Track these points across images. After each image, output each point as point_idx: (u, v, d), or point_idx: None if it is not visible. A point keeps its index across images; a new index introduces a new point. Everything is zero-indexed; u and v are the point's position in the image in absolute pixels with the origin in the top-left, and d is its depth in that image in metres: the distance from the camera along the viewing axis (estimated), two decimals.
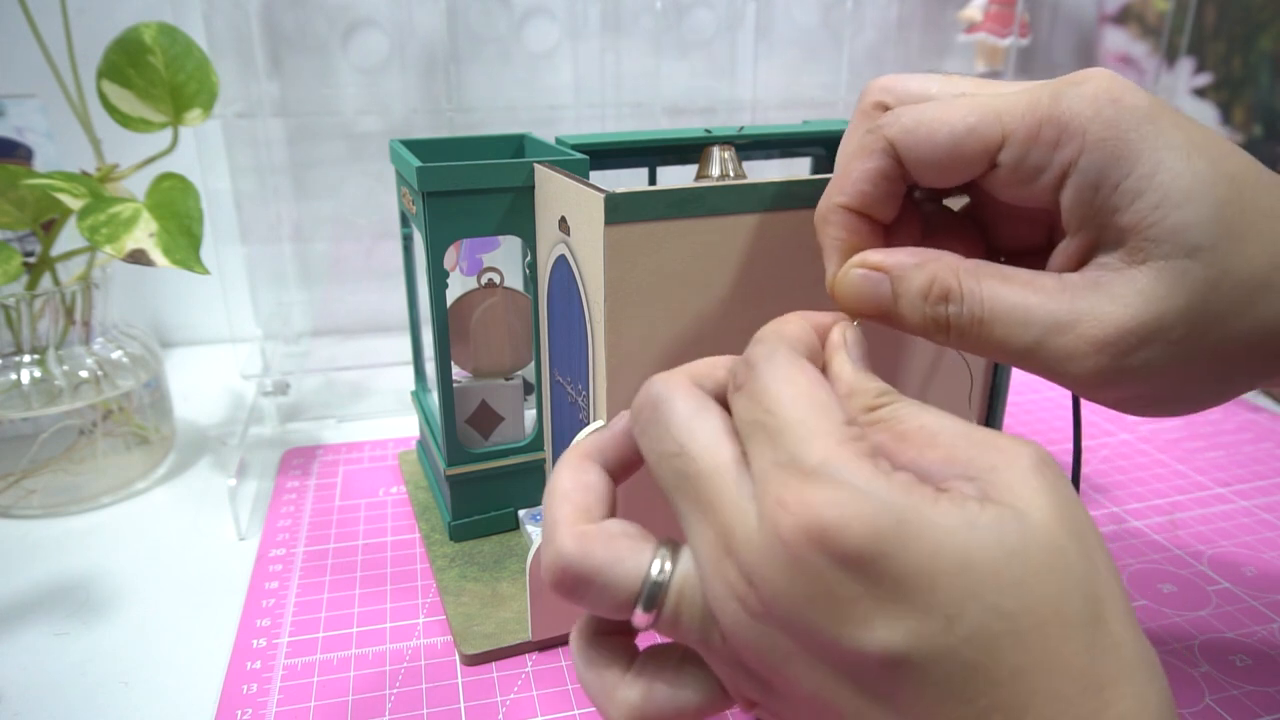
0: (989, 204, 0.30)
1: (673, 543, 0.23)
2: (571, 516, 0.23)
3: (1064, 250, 0.26)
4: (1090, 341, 0.24)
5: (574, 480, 0.24)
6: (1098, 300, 0.24)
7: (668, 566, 0.22)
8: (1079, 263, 0.26)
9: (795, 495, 0.20)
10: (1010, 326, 0.25)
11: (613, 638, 0.24)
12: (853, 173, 0.28)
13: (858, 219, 0.28)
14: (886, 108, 0.29)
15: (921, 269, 0.26)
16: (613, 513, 0.24)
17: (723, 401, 0.24)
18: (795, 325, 0.25)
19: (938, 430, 0.22)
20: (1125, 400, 0.26)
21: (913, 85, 0.29)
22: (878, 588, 0.19)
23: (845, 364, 0.24)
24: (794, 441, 0.21)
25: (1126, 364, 0.24)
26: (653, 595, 0.22)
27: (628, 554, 0.22)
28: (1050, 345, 0.24)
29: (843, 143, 0.30)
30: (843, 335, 0.25)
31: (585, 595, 0.22)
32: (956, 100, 0.26)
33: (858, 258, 0.28)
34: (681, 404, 0.23)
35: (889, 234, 0.29)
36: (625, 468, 0.26)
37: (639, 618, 0.22)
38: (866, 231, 0.28)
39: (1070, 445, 0.58)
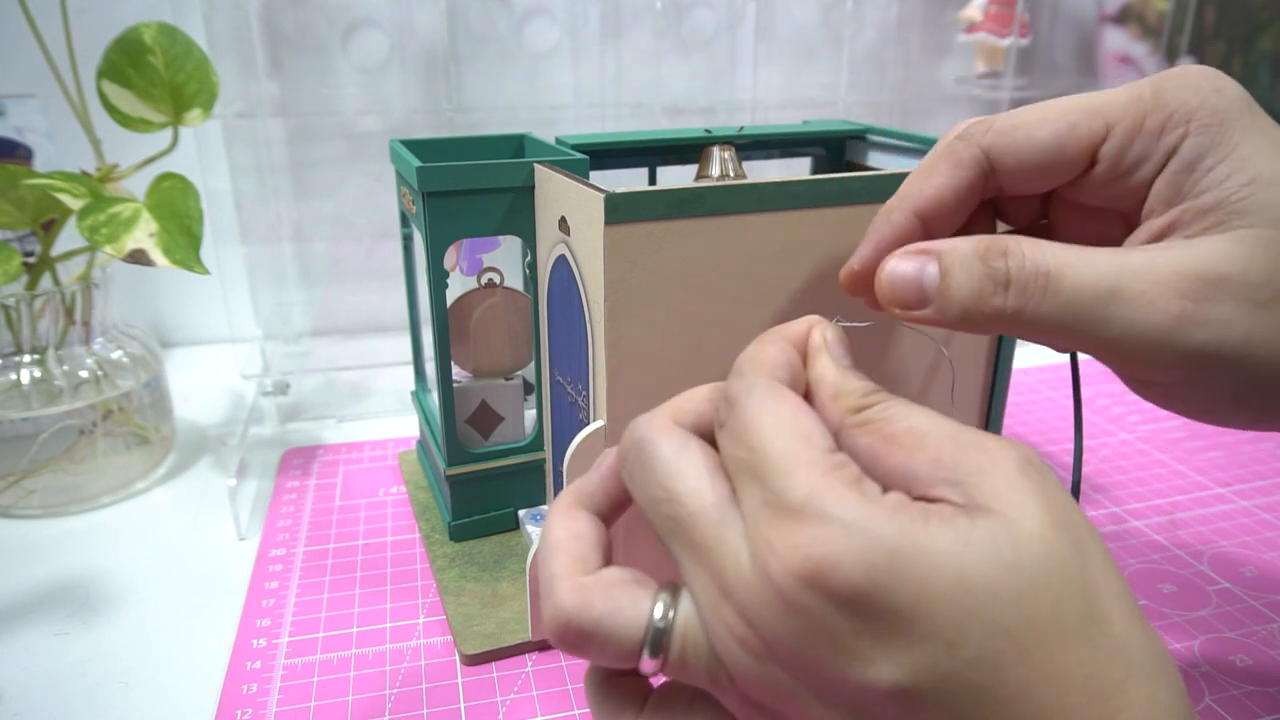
0: (1058, 215, 0.29)
1: (673, 585, 0.22)
2: (568, 569, 0.23)
3: (1139, 232, 0.26)
4: (1169, 287, 0.23)
5: (566, 530, 0.24)
6: (1174, 254, 0.23)
7: (670, 612, 0.22)
8: (1151, 242, 0.25)
9: (783, 537, 0.20)
10: (1079, 281, 0.24)
11: (625, 679, 0.24)
12: (936, 177, 0.27)
13: (915, 226, 0.27)
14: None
15: (972, 239, 0.26)
16: (609, 557, 0.24)
17: (709, 435, 0.23)
18: (772, 349, 0.24)
19: (925, 431, 0.21)
20: (1196, 381, 0.24)
21: (1001, 115, 0.28)
22: (877, 623, 0.19)
23: (828, 366, 0.24)
24: (778, 478, 0.20)
25: (1208, 314, 0.23)
26: (657, 641, 0.22)
27: (628, 603, 0.22)
28: (1127, 295, 0.23)
29: (924, 163, 0.29)
30: (823, 336, 0.25)
31: (589, 649, 0.22)
32: (1051, 103, 0.26)
33: (900, 250, 0.27)
34: (664, 446, 0.23)
35: None
36: (615, 508, 0.25)
37: (646, 664, 0.22)
38: (916, 239, 0.27)
39: (1071, 445, 0.58)
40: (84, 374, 0.51)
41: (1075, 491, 0.31)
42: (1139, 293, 0.23)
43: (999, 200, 0.30)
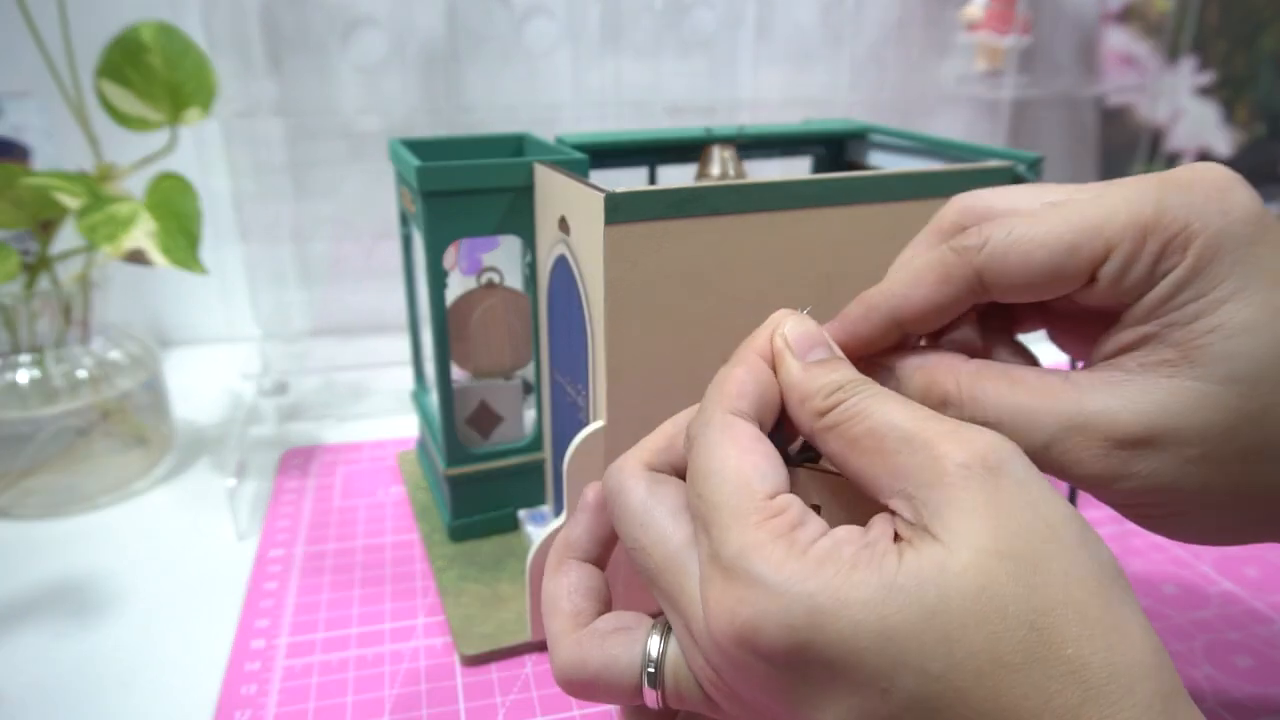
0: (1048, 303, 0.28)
1: (664, 622, 0.24)
2: (563, 628, 0.24)
3: (1109, 341, 0.25)
4: (1099, 443, 0.23)
5: (557, 587, 0.25)
6: (1109, 400, 0.23)
7: (660, 648, 0.23)
8: (1111, 355, 0.25)
9: (716, 597, 0.20)
10: (1016, 431, 0.23)
11: (652, 710, 0.25)
12: (922, 288, 0.26)
13: (894, 330, 0.26)
14: (965, 229, 0.26)
15: (920, 369, 0.25)
16: (605, 601, 0.25)
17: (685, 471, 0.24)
18: (738, 371, 0.24)
19: (885, 434, 0.21)
20: (1136, 510, 0.25)
21: (996, 201, 0.27)
22: (813, 675, 0.19)
23: (790, 369, 0.24)
24: (717, 530, 0.21)
25: (1133, 469, 0.23)
26: (652, 676, 0.23)
27: (621, 650, 0.23)
28: (1059, 448, 0.23)
29: (909, 252, 0.28)
30: (783, 338, 0.24)
31: (596, 696, 0.24)
32: (1049, 212, 0.24)
33: (880, 358, 0.27)
34: (633, 495, 0.24)
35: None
36: (604, 547, 0.26)
37: (648, 698, 0.23)
38: (891, 339, 0.27)
39: None
40: (82, 374, 0.51)
41: (1073, 495, 0.31)
42: (1069, 449, 0.23)
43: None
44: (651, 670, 0.23)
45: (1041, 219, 0.24)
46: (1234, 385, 0.22)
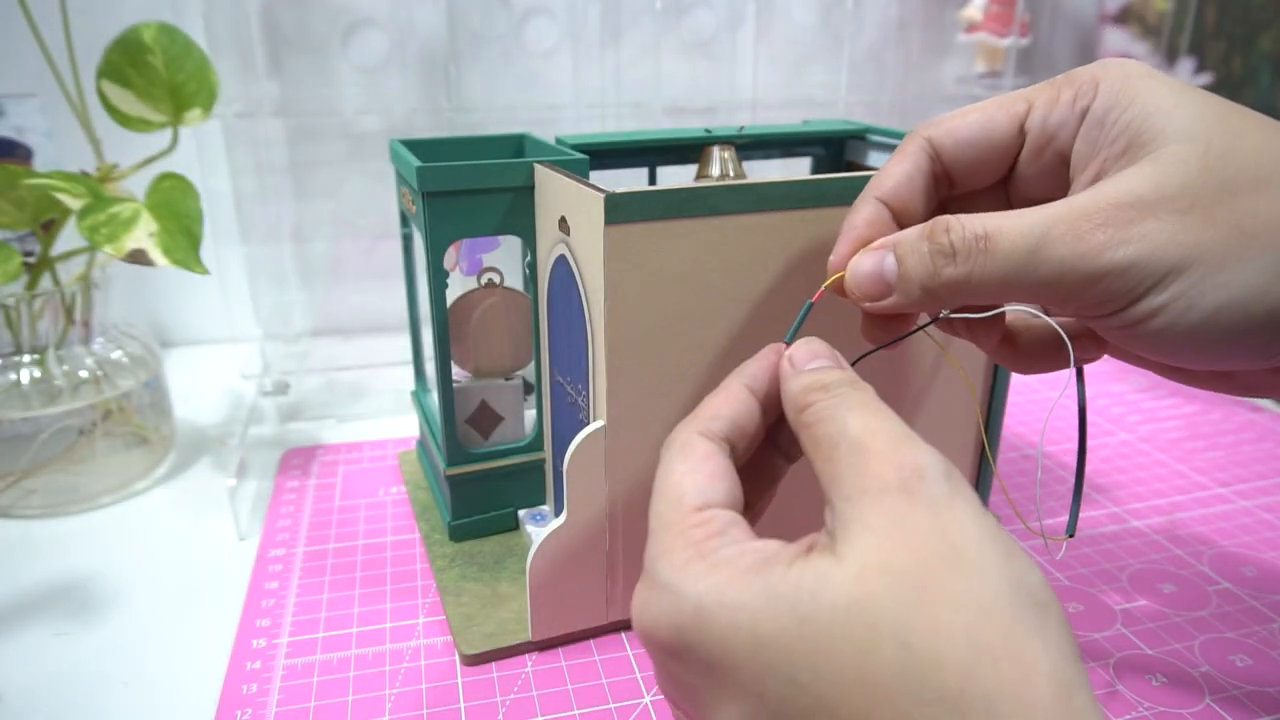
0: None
1: None
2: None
3: (1071, 192, 0.27)
4: (1091, 219, 0.24)
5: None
6: (1092, 190, 0.25)
7: None
8: None
9: (635, 595, 0.23)
10: (1013, 235, 0.25)
11: None
12: (889, 170, 0.29)
13: (884, 213, 0.29)
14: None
15: (918, 226, 0.27)
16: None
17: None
18: (719, 397, 0.26)
19: (838, 442, 0.22)
20: (1154, 300, 0.24)
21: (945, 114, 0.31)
22: (701, 674, 0.20)
23: (786, 380, 0.26)
24: (651, 539, 0.23)
25: (1130, 234, 0.24)
26: None
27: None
28: (1055, 236, 0.24)
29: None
30: (787, 359, 0.26)
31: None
32: (985, 100, 0.30)
33: (862, 250, 0.29)
34: (675, 470, 0.26)
35: None
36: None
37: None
38: (886, 226, 0.29)
39: (1070, 445, 0.58)
40: (84, 374, 0.51)
41: (1076, 498, 0.31)
42: (1064, 232, 0.24)
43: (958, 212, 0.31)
44: None
45: (978, 103, 0.29)
46: (1190, 140, 0.24)
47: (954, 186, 0.30)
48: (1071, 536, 0.31)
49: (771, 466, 0.28)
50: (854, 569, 0.19)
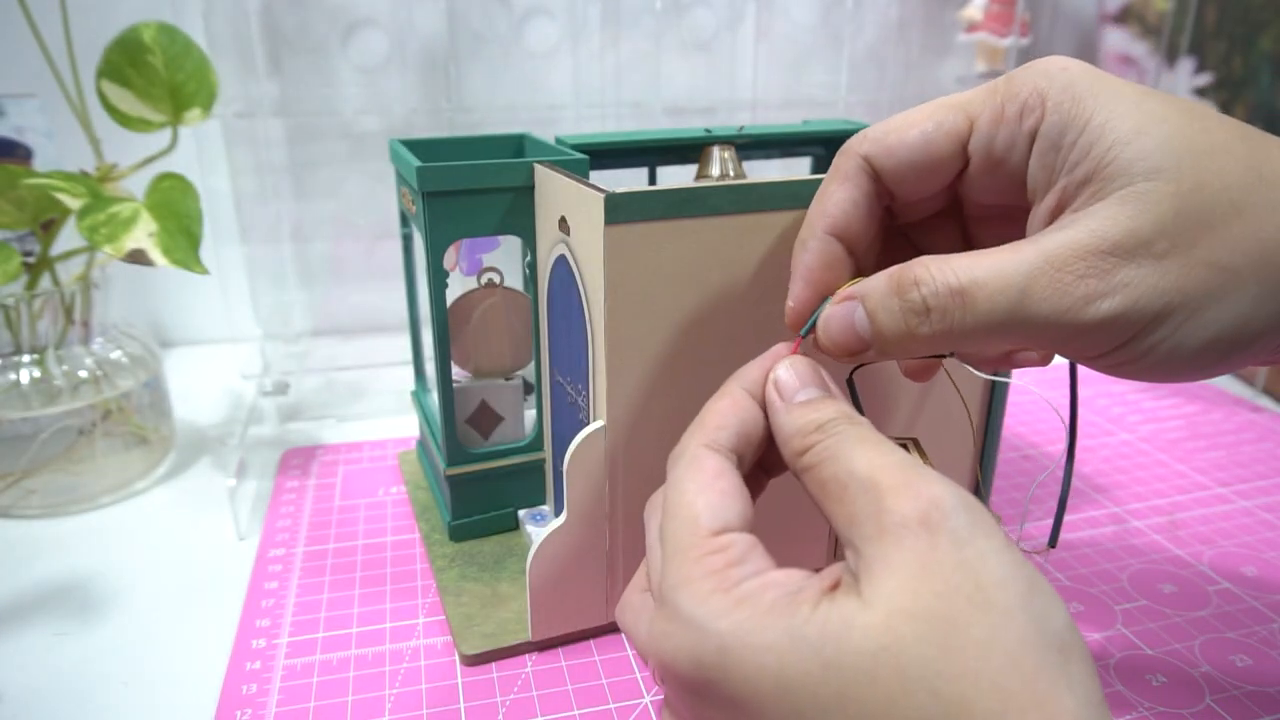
0: (972, 233, 0.30)
1: None
2: (635, 582, 0.26)
3: (1033, 218, 0.26)
4: (1072, 270, 0.23)
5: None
6: (1068, 235, 0.24)
7: None
8: (1046, 225, 0.25)
9: (652, 625, 0.22)
10: (992, 290, 0.24)
11: None
12: (830, 195, 0.28)
13: (833, 247, 0.28)
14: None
15: (885, 274, 0.26)
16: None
17: None
18: (722, 403, 0.26)
19: (846, 482, 0.21)
20: (1142, 344, 0.24)
21: (876, 125, 0.29)
22: (723, 710, 0.20)
23: (777, 413, 0.25)
24: (665, 564, 0.22)
25: (1115, 281, 0.23)
26: None
27: (643, 625, 0.24)
28: (1037, 291, 0.23)
29: (820, 188, 0.30)
30: (773, 384, 0.25)
31: (629, 641, 0.27)
32: (919, 106, 0.28)
33: (834, 296, 0.27)
34: (650, 526, 0.25)
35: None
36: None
37: (653, 673, 0.24)
38: (839, 262, 0.28)
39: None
40: (83, 374, 0.51)
41: (1062, 504, 0.31)
42: (1046, 285, 0.23)
43: (912, 227, 0.30)
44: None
45: (914, 110, 0.27)
46: (1159, 175, 0.23)
47: (896, 200, 0.29)
48: (1052, 548, 0.31)
49: (754, 480, 0.27)
50: (880, 614, 0.18)
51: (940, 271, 0.24)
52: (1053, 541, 0.31)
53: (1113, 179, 0.23)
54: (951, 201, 0.29)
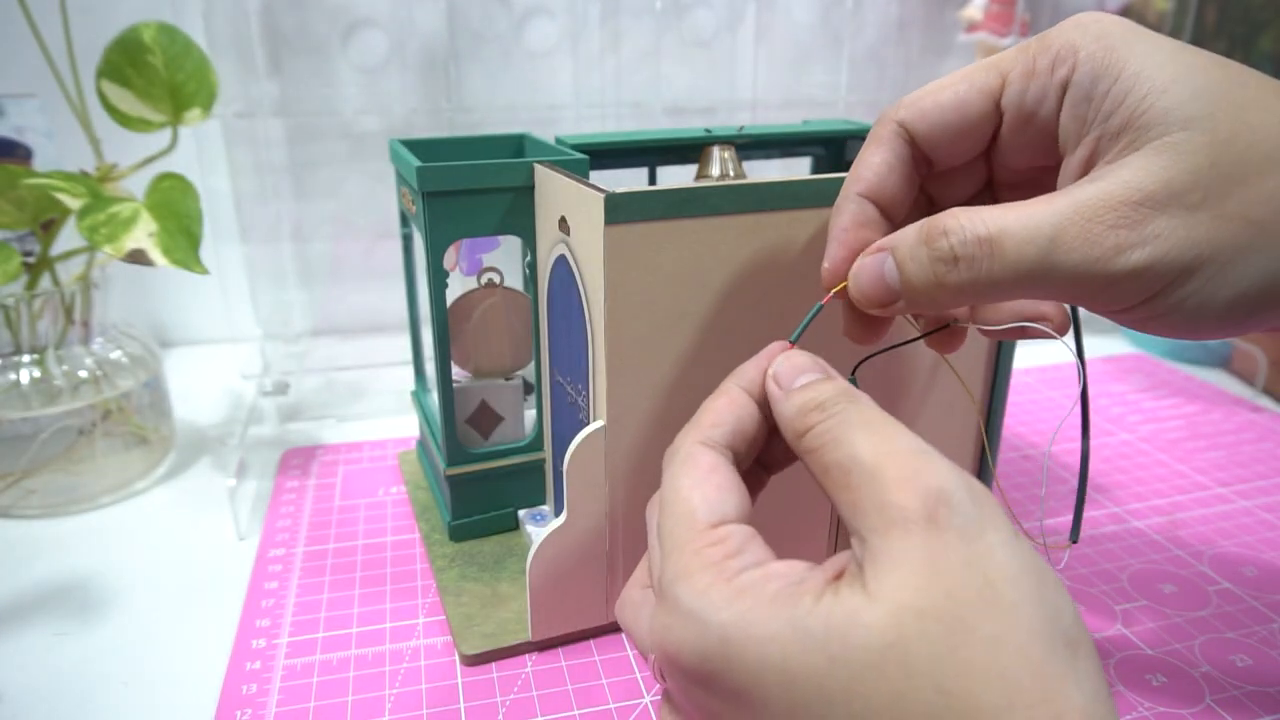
0: (1004, 196, 0.30)
1: None
2: (635, 579, 0.26)
3: (1065, 171, 0.26)
4: (1103, 220, 0.23)
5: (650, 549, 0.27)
6: (1100, 186, 0.23)
7: None
8: (1079, 178, 0.25)
9: (654, 618, 0.22)
10: (1020, 239, 0.24)
11: None
12: (866, 160, 0.28)
13: (869, 210, 0.28)
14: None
15: (915, 225, 0.26)
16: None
17: None
18: (719, 401, 0.26)
19: (850, 468, 0.21)
20: (1171, 296, 0.24)
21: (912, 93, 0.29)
22: (729, 702, 0.20)
23: (777, 400, 0.25)
24: (664, 558, 0.22)
25: (1146, 232, 0.23)
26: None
27: (646, 619, 0.24)
28: (1066, 240, 0.23)
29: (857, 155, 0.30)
30: (771, 377, 0.25)
31: (629, 638, 0.26)
32: (952, 73, 0.28)
33: (862, 254, 0.28)
34: (650, 523, 0.25)
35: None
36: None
37: (652, 669, 0.24)
38: (875, 223, 0.28)
39: (1072, 445, 0.58)
40: (83, 374, 0.51)
41: (1080, 499, 0.31)
42: (1076, 234, 0.23)
43: (940, 189, 0.30)
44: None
45: (947, 75, 0.28)
46: (1194, 125, 0.23)
47: (933, 166, 0.29)
48: (1075, 543, 0.31)
49: (753, 478, 0.27)
50: (887, 610, 0.18)
51: (970, 220, 0.24)
52: (1074, 536, 0.30)
53: (1148, 128, 0.23)
54: (987, 177, 0.30)
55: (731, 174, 0.45)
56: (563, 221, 0.36)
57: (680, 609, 0.21)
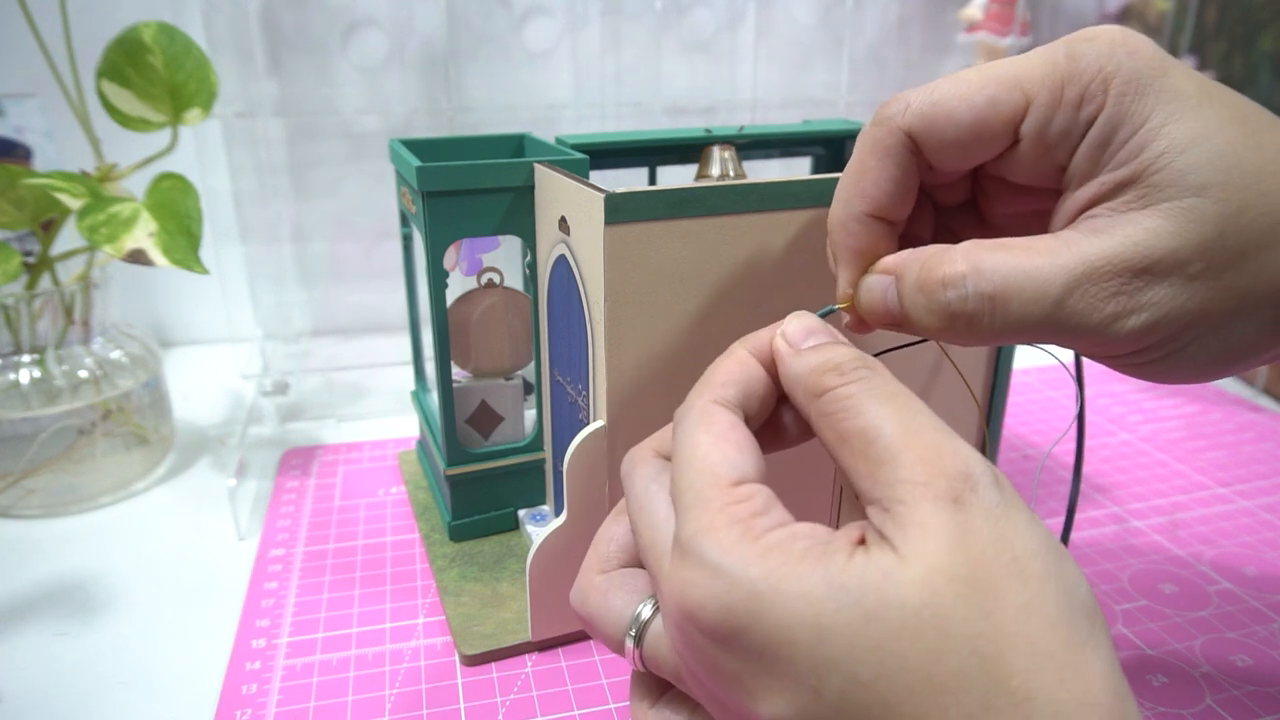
0: (986, 192, 0.30)
1: None
2: (589, 565, 0.26)
3: (1065, 206, 0.25)
4: (1106, 287, 0.23)
5: (605, 530, 0.27)
6: (1107, 245, 0.23)
7: (650, 613, 0.24)
8: (1075, 218, 0.25)
9: (670, 575, 0.21)
10: (1026, 299, 0.24)
11: (651, 674, 0.25)
12: (870, 174, 0.27)
13: (875, 228, 0.27)
14: None
15: (915, 260, 0.26)
16: (637, 560, 0.26)
17: None
18: (727, 362, 0.25)
19: (874, 438, 0.21)
20: (1142, 355, 0.24)
21: (917, 93, 0.28)
22: (750, 661, 0.20)
23: (785, 359, 0.24)
24: (682, 514, 0.22)
25: (1143, 300, 0.23)
26: (638, 635, 0.24)
27: (620, 604, 0.25)
28: (1072, 299, 0.23)
29: (853, 160, 0.29)
30: (781, 337, 0.25)
31: (592, 633, 0.26)
32: (970, 72, 0.26)
33: (875, 265, 0.27)
34: (637, 481, 0.25)
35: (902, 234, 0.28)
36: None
37: (628, 653, 0.24)
38: (881, 234, 0.27)
39: (1073, 446, 0.58)
40: (83, 374, 0.51)
41: (1072, 501, 0.31)
42: (1079, 298, 0.23)
43: (926, 183, 0.29)
44: (634, 632, 0.24)
45: (962, 78, 0.25)
46: (1207, 193, 0.23)
47: (931, 170, 0.28)
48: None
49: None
50: (920, 571, 0.18)
51: (974, 272, 0.24)
52: (1064, 540, 0.31)
53: (1161, 187, 0.23)
54: (977, 179, 0.29)
55: (731, 174, 0.45)
56: (563, 221, 0.36)
57: (707, 564, 0.20)
